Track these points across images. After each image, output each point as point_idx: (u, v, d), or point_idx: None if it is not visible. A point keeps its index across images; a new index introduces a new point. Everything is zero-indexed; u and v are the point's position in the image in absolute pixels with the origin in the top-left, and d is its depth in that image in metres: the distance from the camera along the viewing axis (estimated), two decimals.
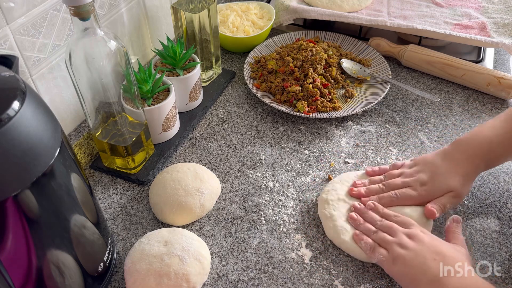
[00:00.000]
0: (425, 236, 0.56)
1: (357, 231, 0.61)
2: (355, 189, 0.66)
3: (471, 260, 0.56)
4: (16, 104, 0.38)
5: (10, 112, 0.37)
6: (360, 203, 0.64)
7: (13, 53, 0.58)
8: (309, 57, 0.85)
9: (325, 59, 0.87)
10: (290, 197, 0.68)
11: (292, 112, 0.80)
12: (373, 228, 0.60)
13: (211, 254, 0.61)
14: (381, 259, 0.56)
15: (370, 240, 0.58)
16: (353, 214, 0.62)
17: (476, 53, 0.96)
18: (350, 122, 0.81)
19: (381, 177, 0.67)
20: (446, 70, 0.88)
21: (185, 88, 0.78)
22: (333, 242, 0.62)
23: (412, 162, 0.66)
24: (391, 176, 0.66)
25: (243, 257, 0.61)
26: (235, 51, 0.98)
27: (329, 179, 0.71)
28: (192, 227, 0.65)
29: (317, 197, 0.68)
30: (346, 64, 0.90)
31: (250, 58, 0.92)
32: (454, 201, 0.61)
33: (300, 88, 0.82)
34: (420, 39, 0.96)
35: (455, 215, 0.61)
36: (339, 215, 0.63)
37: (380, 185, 0.65)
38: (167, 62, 0.78)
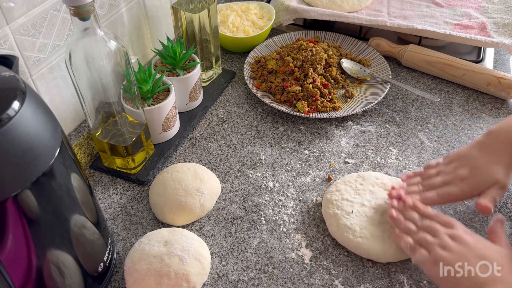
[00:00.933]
0: (469, 237, 0.53)
1: (397, 230, 0.58)
2: (394, 191, 0.62)
3: None
4: (16, 104, 0.38)
5: (10, 112, 0.37)
6: (398, 202, 0.61)
7: (13, 53, 0.58)
8: (309, 57, 0.85)
9: (325, 59, 0.87)
10: (290, 197, 0.68)
11: (292, 112, 0.80)
12: (413, 227, 0.57)
13: (211, 254, 0.61)
14: (421, 260, 0.54)
15: (410, 240, 0.56)
16: (393, 211, 0.60)
17: (476, 53, 0.96)
18: (350, 122, 0.81)
19: (419, 178, 0.64)
20: (446, 70, 0.88)
21: (185, 88, 0.78)
22: (337, 240, 0.62)
23: (446, 159, 0.63)
24: (428, 176, 0.63)
25: (243, 257, 0.61)
26: (235, 51, 0.98)
27: (329, 179, 0.71)
28: (192, 227, 0.65)
29: (317, 197, 0.68)
30: (346, 64, 0.90)
31: (250, 58, 0.92)
32: (501, 193, 0.57)
33: (300, 88, 0.82)
34: (420, 39, 0.96)
35: (500, 214, 0.57)
36: (343, 213, 0.63)
37: (420, 185, 0.62)
38: (167, 62, 0.78)
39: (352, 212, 0.63)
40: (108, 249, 0.56)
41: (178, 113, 0.79)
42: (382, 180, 0.68)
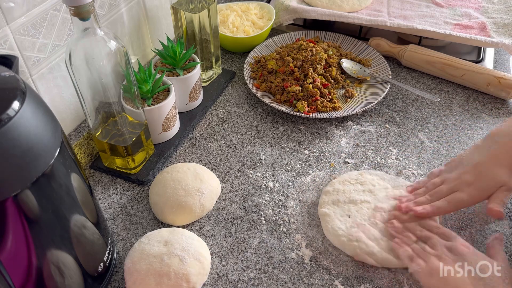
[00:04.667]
0: (466, 250, 0.53)
1: (396, 239, 0.59)
2: (403, 205, 0.62)
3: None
4: (16, 104, 0.38)
5: (10, 112, 0.37)
6: (400, 211, 0.62)
7: (13, 53, 0.58)
8: (309, 57, 0.85)
9: (325, 59, 0.87)
10: (290, 197, 0.68)
11: (292, 112, 0.80)
12: (413, 237, 0.58)
13: (211, 254, 0.61)
14: (417, 270, 0.54)
15: (409, 249, 0.56)
16: (394, 221, 0.61)
17: (476, 53, 0.96)
18: (350, 122, 0.81)
19: (424, 188, 0.64)
20: (446, 70, 0.88)
21: (185, 88, 0.78)
22: (332, 242, 0.62)
23: (448, 166, 0.64)
24: (434, 185, 0.63)
25: (243, 257, 0.61)
26: (235, 51, 0.98)
27: (334, 179, 0.71)
28: (192, 227, 0.65)
29: (317, 197, 0.68)
30: (346, 64, 0.90)
31: (250, 58, 0.92)
32: (508, 195, 0.57)
33: (300, 88, 0.82)
34: (420, 39, 0.96)
35: (498, 233, 0.60)
36: (337, 215, 0.63)
37: (427, 196, 0.62)
38: (167, 62, 0.78)
39: (349, 217, 0.63)
40: (108, 249, 0.56)
41: (178, 113, 0.79)
42: (381, 180, 0.68)
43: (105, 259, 0.55)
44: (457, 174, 0.61)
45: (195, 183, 0.65)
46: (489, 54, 0.96)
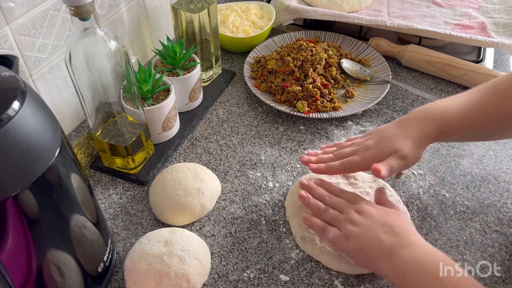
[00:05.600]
0: (373, 210, 0.56)
1: (305, 214, 0.60)
2: (305, 157, 0.65)
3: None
4: (16, 104, 0.38)
5: (10, 112, 0.37)
6: (308, 180, 0.64)
7: (13, 53, 0.58)
8: (309, 57, 0.85)
9: (325, 59, 0.87)
10: None
11: (292, 112, 0.80)
12: (322, 205, 0.60)
13: (211, 254, 0.61)
14: (333, 239, 0.56)
15: (319, 221, 0.58)
16: (302, 192, 0.62)
17: (476, 53, 0.96)
18: (350, 122, 0.81)
19: (334, 148, 0.67)
20: (446, 70, 0.88)
21: (185, 88, 0.78)
22: (300, 247, 0.62)
23: (367, 133, 0.66)
24: (342, 146, 0.66)
25: (243, 257, 0.61)
26: (235, 51, 0.98)
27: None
28: (192, 227, 0.65)
29: None
30: (346, 64, 0.90)
31: (250, 58, 0.92)
32: (401, 163, 0.59)
33: (300, 88, 0.82)
34: (420, 39, 0.96)
35: (379, 187, 0.63)
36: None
37: (331, 154, 0.65)
38: (167, 62, 0.78)
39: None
40: (108, 249, 0.56)
41: (178, 113, 0.79)
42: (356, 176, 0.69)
43: (105, 259, 0.55)
44: (364, 139, 0.64)
45: (195, 183, 0.65)
46: (489, 54, 0.96)
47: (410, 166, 0.62)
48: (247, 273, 0.59)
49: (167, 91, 0.73)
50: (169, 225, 0.64)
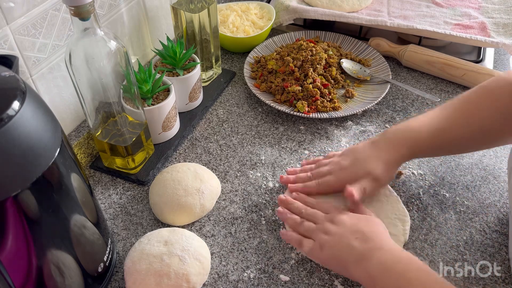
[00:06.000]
0: (345, 218, 0.57)
1: (282, 230, 0.62)
2: (284, 176, 0.67)
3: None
4: (16, 104, 0.38)
5: (10, 112, 0.37)
6: (285, 195, 0.65)
7: (13, 53, 0.58)
8: (309, 57, 0.85)
9: (325, 59, 0.87)
10: None
11: (292, 112, 0.80)
12: (298, 219, 0.60)
13: (211, 254, 0.61)
14: (309, 250, 0.57)
15: (294, 236, 0.59)
16: (280, 208, 0.63)
17: (476, 53, 0.96)
18: (350, 122, 0.81)
19: (313, 166, 0.68)
20: (446, 70, 0.88)
21: (185, 88, 0.78)
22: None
23: (342, 151, 0.67)
24: (320, 165, 0.67)
25: (243, 257, 0.61)
26: (235, 51, 0.98)
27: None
28: (192, 227, 0.65)
29: None
30: (346, 64, 0.90)
31: (250, 58, 0.92)
32: (373, 185, 0.61)
33: (300, 88, 0.82)
34: (420, 39, 0.96)
35: (349, 192, 0.60)
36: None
37: (309, 173, 0.66)
38: (167, 62, 0.78)
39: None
40: (108, 249, 0.56)
41: (178, 113, 0.79)
42: None
43: (105, 259, 0.55)
44: (340, 159, 0.65)
45: (195, 183, 0.65)
46: (489, 54, 0.96)
47: (383, 187, 0.65)
48: (247, 273, 0.59)
49: (167, 91, 0.73)
50: (169, 225, 0.64)
